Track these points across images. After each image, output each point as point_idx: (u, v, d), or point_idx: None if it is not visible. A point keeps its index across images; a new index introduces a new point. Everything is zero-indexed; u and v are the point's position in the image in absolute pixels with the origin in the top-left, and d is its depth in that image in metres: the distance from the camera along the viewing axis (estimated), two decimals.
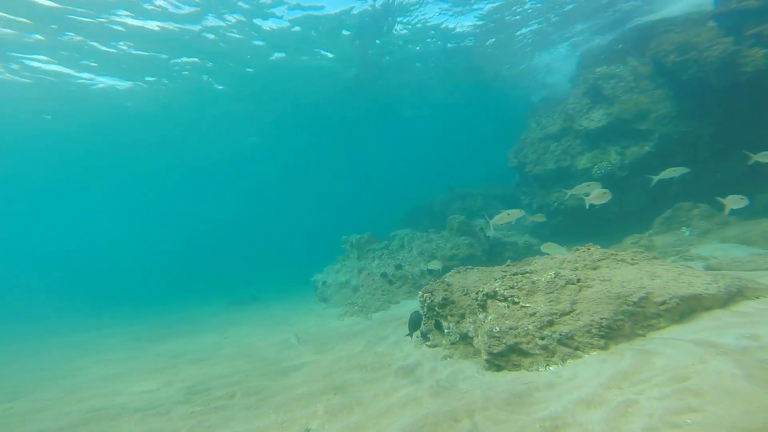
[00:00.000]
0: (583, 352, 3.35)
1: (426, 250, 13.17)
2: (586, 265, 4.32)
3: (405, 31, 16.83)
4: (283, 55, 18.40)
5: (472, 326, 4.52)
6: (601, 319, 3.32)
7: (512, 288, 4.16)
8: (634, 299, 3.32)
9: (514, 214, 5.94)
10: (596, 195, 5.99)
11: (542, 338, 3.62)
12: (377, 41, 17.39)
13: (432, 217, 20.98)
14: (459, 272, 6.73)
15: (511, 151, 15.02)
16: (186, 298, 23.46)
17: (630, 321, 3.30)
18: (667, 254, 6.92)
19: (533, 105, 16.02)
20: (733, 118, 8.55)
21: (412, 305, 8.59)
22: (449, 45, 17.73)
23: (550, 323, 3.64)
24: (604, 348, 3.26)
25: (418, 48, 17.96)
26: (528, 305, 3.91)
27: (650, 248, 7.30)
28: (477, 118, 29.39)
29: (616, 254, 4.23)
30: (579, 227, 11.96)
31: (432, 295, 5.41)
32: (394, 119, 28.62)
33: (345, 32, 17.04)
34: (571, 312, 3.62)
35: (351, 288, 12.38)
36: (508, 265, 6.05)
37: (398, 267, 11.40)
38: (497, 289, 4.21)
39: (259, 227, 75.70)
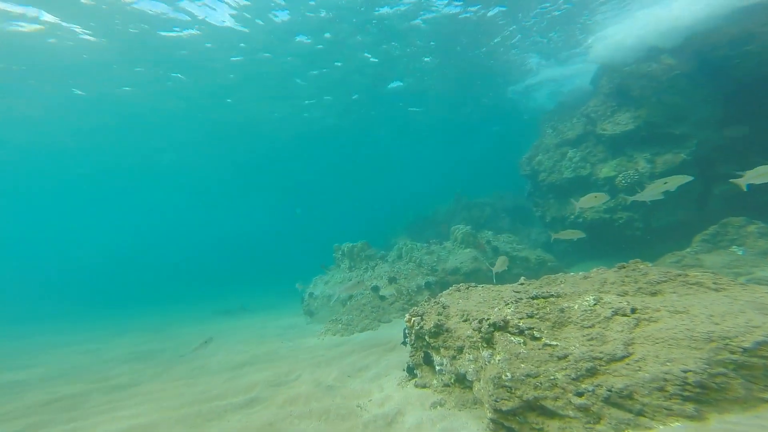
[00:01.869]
0: (654, 420, 2.07)
1: (426, 262, 11.88)
2: (639, 288, 3.05)
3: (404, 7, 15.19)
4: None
5: (472, 366, 3.26)
6: (686, 372, 2.05)
7: (531, 317, 2.93)
8: (746, 344, 2.04)
9: (600, 197, 5.67)
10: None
11: (579, 394, 2.36)
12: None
13: (436, 227, 19.77)
14: (459, 290, 5.48)
15: (524, 158, 13.80)
16: (175, 305, 22.40)
17: (741, 377, 2.02)
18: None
19: (549, 109, 14.88)
20: None
21: (405, 325, 7.25)
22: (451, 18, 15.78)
23: (592, 372, 2.39)
24: (694, 418, 1.98)
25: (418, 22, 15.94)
26: (555, 343, 2.67)
27: (697, 268, 5.92)
28: (488, 121, 28.11)
29: (687, 275, 2.95)
30: (599, 244, 10.57)
31: (422, 319, 4.18)
32: (400, 121, 27.55)
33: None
34: (625, 357, 2.35)
35: (339, 302, 11.12)
36: (522, 284, 4.80)
37: (392, 280, 10.12)
38: (509, 317, 2.97)
39: (266, 235, 75.18)
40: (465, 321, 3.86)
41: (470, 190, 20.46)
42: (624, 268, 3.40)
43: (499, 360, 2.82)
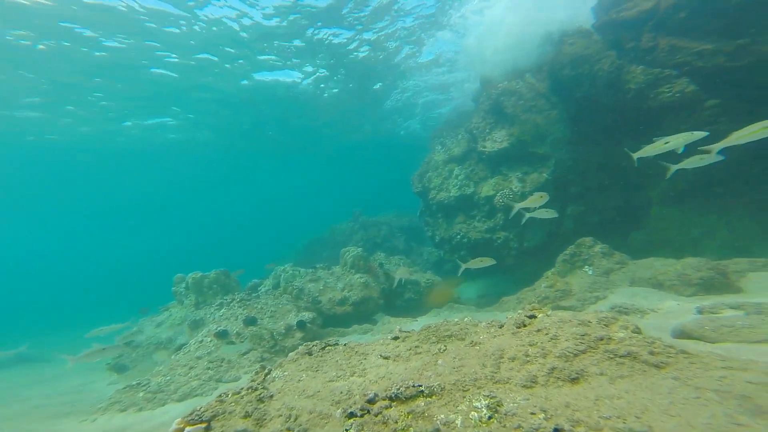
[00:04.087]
0: None
1: (308, 291, 9.61)
2: (553, 369, 1.68)
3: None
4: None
5: None
6: None
7: None
8: None
9: (543, 197, 5.68)
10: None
11: None
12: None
13: (333, 249, 17.85)
14: (311, 354, 3.60)
15: (416, 175, 13.40)
16: None
17: None
18: (587, 301, 5.38)
19: (438, 125, 15.11)
20: (620, 145, 8.23)
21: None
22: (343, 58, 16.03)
23: None
24: None
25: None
26: None
27: (568, 294, 5.72)
28: (388, 136, 28.54)
29: (610, 340, 1.74)
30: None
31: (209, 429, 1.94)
32: (297, 136, 25.24)
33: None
34: None
35: (171, 351, 7.63)
36: (396, 338, 3.22)
37: (250, 321, 7.39)
38: None
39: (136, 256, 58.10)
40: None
41: (372, 209, 19.54)
42: (524, 326, 2.01)
43: None
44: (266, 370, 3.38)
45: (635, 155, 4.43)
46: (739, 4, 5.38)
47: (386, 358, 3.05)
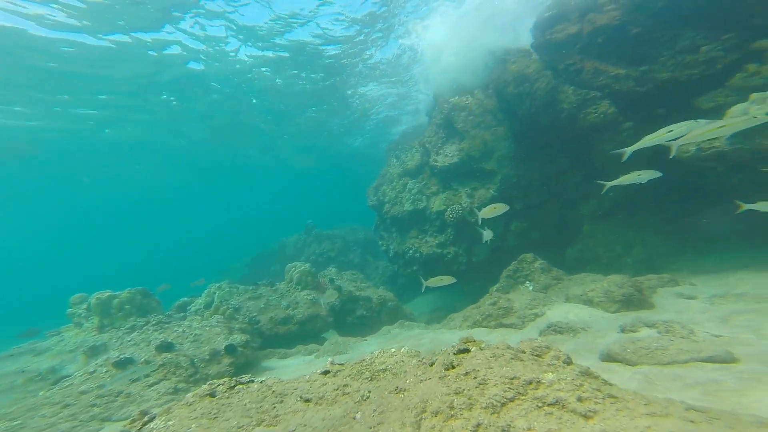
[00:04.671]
0: None
1: (246, 311, 8.67)
2: (478, 427, 1.37)
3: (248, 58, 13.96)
4: None
5: None
6: None
7: None
8: None
9: (500, 207, 5.92)
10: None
11: None
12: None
13: (283, 263, 16.73)
14: (214, 395, 3.03)
15: (371, 188, 13.21)
16: None
17: None
18: (527, 319, 5.51)
19: (394, 138, 15.19)
20: (552, 163, 8.73)
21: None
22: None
23: None
24: None
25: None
26: None
27: (509, 311, 5.82)
28: (346, 146, 28.10)
29: (538, 383, 1.54)
30: (432, 278, 10.45)
31: None
32: (249, 139, 23.69)
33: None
34: None
35: (49, 383, 6.16)
36: (327, 372, 2.79)
37: (165, 347, 6.28)
38: None
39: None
40: None
41: (329, 221, 18.81)
42: (453, 368, 1.75)
43: None
44: (146, 417, 2.70)
45: (632, 148, 4.04)
46: (637, 35, 5.98)
47: (307, 401, 2.60)
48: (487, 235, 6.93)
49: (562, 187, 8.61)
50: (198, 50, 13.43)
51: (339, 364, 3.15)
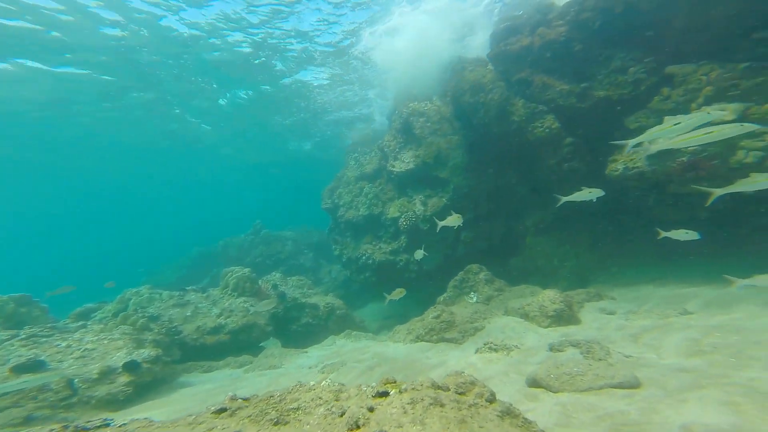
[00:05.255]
0: None
1: (168, 320, 7.64)
2: None
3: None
4: None
5: None
6: None
7: None
8: None
9: (456, 219, 6.11)
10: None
11: None
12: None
13: (226, 265, 15.46)
14: None
15: (326, 190, 12.65)
16: None
17: None
18: (467, 333, 5.46)
19: (354, 139, 14.74)
20: (502, 175, 8.84)
21: None
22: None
23: None
24: None
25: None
26: None
27: (451, 325, 5.73)
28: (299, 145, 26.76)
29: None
30: (386, 284, 10.17)
31: None
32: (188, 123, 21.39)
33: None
34: None
35: None
36: (207, 415, 2.22)
37: (29, 366, 5.12)
38: None
39: None
40: None
41: (279, 223, 17.69)
42: (358, 428, 1.39)
43: None
44: None
45: (635, 140, 3.89)
46: (579, 52, 6.20)
47: None
48: (418, 254, 7.35)
49: (509, 199, 8.81)
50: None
51: (242, 399, 2.58)
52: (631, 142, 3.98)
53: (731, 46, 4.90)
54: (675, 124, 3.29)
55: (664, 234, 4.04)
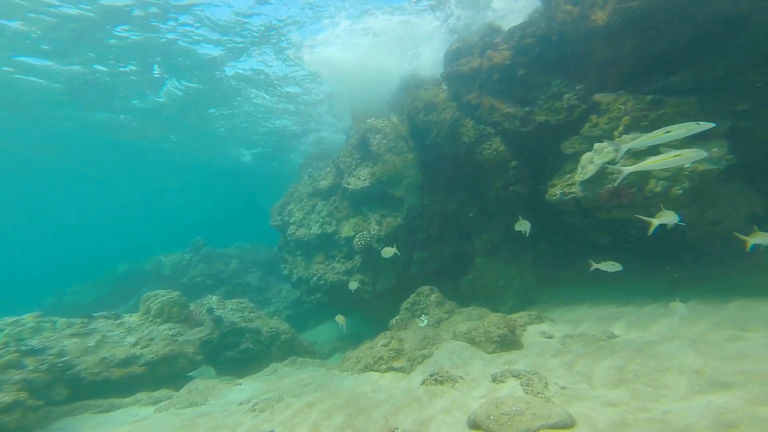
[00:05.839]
0: None
1: (59, 352, 6.29)
2: None
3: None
4: None
5: None
6: None
7: None
8: None
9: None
10: None
11: None
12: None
13: (159, 284, 13.66)
14: None
15: (276, 206, 11.90)
16: None
17: None
18: (415, 362, 5.26)
19: (309, 154, 14.22)
20: (453, 195, 8.87)
21: None
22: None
23: None
24: None
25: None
26: None
27: (400, 353, 5.50)
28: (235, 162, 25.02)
29: None
30: (338, 305, 9.66)
31: None
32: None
33: None
34: None
35: None
36: None
37: None
38: None
39: None
40: None
41: (222, 240, 16.07)
42: None
43: None
44: None
45: (628, 145, 3.78)
46: (522, 76, 6.48)
47: None
48: (352, 285, 7.81)
49: (460, 219, 8.99)
50: None
51: None
52: (623, 147, 3.96)
53: (639, 78, 5.39)
54: (666, 133, 3.29)
55: (595, 266, 4.52)
